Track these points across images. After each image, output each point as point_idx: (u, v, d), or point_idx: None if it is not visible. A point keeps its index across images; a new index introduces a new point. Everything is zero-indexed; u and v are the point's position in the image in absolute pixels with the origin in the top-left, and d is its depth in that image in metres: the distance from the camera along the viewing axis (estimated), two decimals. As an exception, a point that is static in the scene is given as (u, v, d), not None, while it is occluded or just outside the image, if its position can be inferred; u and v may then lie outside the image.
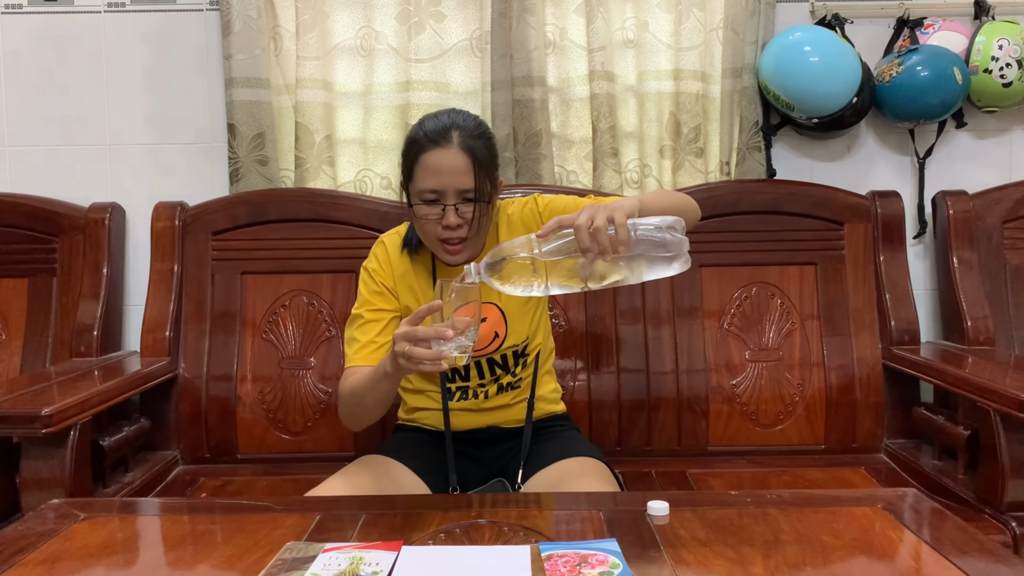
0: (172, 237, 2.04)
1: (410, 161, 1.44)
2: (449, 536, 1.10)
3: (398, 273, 1.54)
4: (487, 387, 1.58)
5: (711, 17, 2.13)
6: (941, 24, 2.11)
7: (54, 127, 2.19)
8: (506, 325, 1.54)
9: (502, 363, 1.57)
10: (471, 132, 1.43)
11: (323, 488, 1.42)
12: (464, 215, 1.41)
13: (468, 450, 1.57)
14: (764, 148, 2.14)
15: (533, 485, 1.48)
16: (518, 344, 1.56)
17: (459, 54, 2.15)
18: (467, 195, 1.40)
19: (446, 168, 1.39)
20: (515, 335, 1.55)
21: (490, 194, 1.44)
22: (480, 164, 1.40)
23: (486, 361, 1.56)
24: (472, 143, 1.41)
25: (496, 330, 1.53)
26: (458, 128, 1.42)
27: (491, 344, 1.54)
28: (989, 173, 2.20)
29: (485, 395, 1.58)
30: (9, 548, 1.06)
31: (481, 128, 1.47)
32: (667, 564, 1.00)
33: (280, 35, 2.13)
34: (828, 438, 1.98)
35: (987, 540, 1.07)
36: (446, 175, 1.39)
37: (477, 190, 1.40)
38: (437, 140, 1.41)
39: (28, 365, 2.05)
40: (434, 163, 1.40)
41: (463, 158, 1.39)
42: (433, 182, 1.40)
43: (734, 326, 2.01)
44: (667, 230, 1.16)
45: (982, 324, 2.01)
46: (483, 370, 1.57)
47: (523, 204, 1.56)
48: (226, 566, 1.02)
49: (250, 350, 2.00)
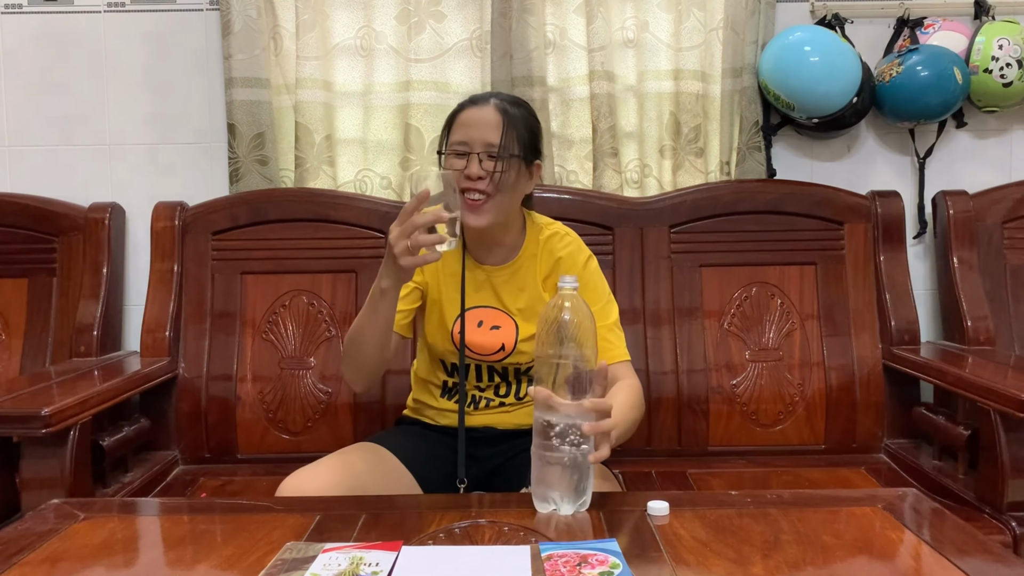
0: (172, 237, 2.04)
1: (449, 121, 1.52)
2: (449, 536, 1.10)
3: None
4: (485, 394, 1.58)
5: (711, 17, 2.13)
6: (941, 24, 2.11)
7: (54, 127, 2.19)
8: (515, 341, 1.53)
9: (502, 374, 1.57)
10: (509, 100, 1.52)
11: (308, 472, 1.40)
12: (487, 168, 1.44)
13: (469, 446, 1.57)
14: (764, 148, 2.14)
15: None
16: (522, 364, 1.56)
17: (459, 54, 2.15)
18: (492, 150, 1.45)
19: (477, 121, 1.47)
20: (521, 354, 1.54)
21: (518, 157, 1.47)
22: (511, 124, 1.46)
23: (486, 367, 1.56)
24: (507, 107, 1.49)
25: (504, 342, 1.53)
26: (497, 96, 1.52)
27: (495, 353, 1.54)
28: (989, 173, 2.20)
29: (486, 404, 1.59)
30: (9, 548, 1.06)
31: (521, 102, 1.55)
32: (667, 564, 1.00)
33: (280, 35, 2.13)
34: (828, 438, 1.98)
35: (987, 540, 1.07)
36: (475, 127, 1.46)
37: (503, 146, 1.45)
38: (476, 101, 1.51)
39: (28, 365, 2.05)
40: (468, 118, 1.48)
41: (495, 115, 1.47)
42: (463, 134, 1.47)
43: (734, 326, 2.01)
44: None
45: (982, 324, 2.01)
46: (482, 374, 1.57)
47: (577, 253, 1.55)
48: (226, 566, 1.02)
49: (250, 350, 2.00)
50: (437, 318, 1.56)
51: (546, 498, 1.16)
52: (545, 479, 1.15)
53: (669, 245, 2.03)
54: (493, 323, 1.53)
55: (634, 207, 2.04)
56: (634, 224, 2.03)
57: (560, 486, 1.14)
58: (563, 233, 1.58)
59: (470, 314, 1.53)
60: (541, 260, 1.55)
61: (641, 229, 2.03)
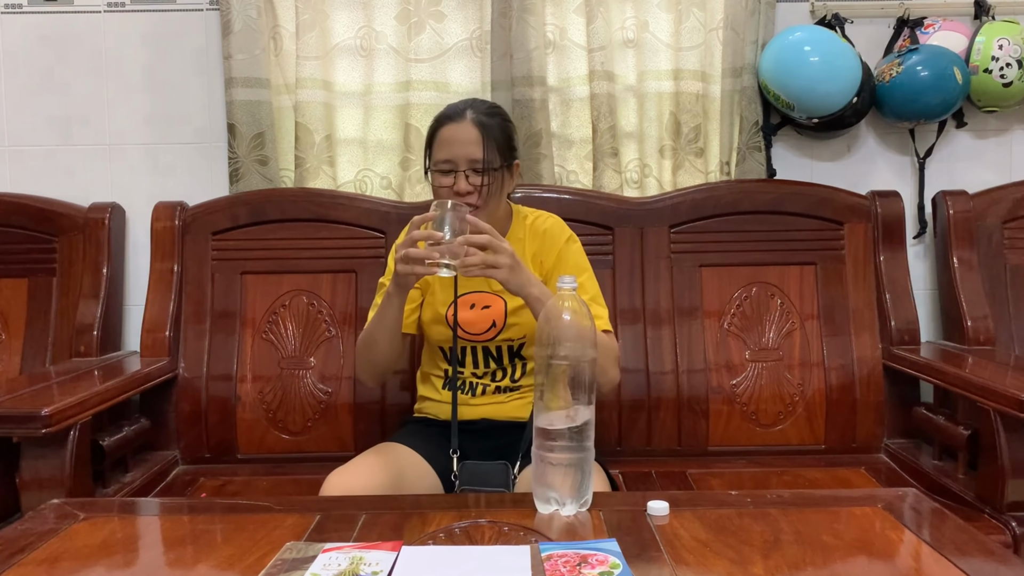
0: (172, 237, 2.04)
1: (430, 138, 1.61)
2: (449, 536, 1.10)
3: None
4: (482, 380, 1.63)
5: (711, 17, 2.13)
6: (941, 24, 2.11)
7: (54, 127, 2.19)
8: (506, 318, 1.60)
9: (496, 355, 1.62)
10: (483, 111, 1.60)
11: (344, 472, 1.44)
12: (474, 183, 1.55)
13: (466, 440, 1.59)
14: (764, 148, 2.14)
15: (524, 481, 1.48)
16: (514, 340, 1.61)
17: (459, 54, 2.15)
18: (477, 165, 1.54)
19: (457, 139, 1.55)
20: (512, 330, 1.60)
21: (501, 167, 1.57)
22: (490, 137, 1.55)
23: (481, 349, 1.62)
24: (483, 119, 1.57)
25: (495, 319, 1.60)
26: (472, 107, 1.59)
27: (488, 331, 1.60)
28: (989, 173, 2.20)
29: (483, 391, 1.63)
30: (9, 548, 1.06)
31: (495, 110, 1.63)
32: (667, 564, 1.00)
33: (280, 35, 2.13)
34: (828, 438, 1.98)
35: (987, 540, 1.07)
36: (457, 145, 1.55)
37: (486, 160, 1.54)
38: (452, 116, 1.59)
39: (28, 365, 2.05)
40: (448, 135, 1.57)
41: (474, 131, 1.55)
42: (446, 152, 1.56)
43: (734, 326, 2.01)
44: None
45: (982, 324, 2.01)
46: (478, 359, 1.63)
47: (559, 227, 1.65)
48: (226, 566, 1.02)
49: (250, 350, 2.00)
50: (433, 307, 1.64)
51: (547, 499, 1.16)
52: (546, 480, 1.15)
53: (669, 245, 2.03)
54: (484, 304, 1.61)
55: (634, 207, 2.04)
56: (634, 224, 2.03)
57: (561, 487, 1.14)
58: (546, 216, 1.69)
59: (463, 299, 1.61)
60: (528, 239, 1.64)
61: (641, 229, 2.03)
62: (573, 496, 1.15)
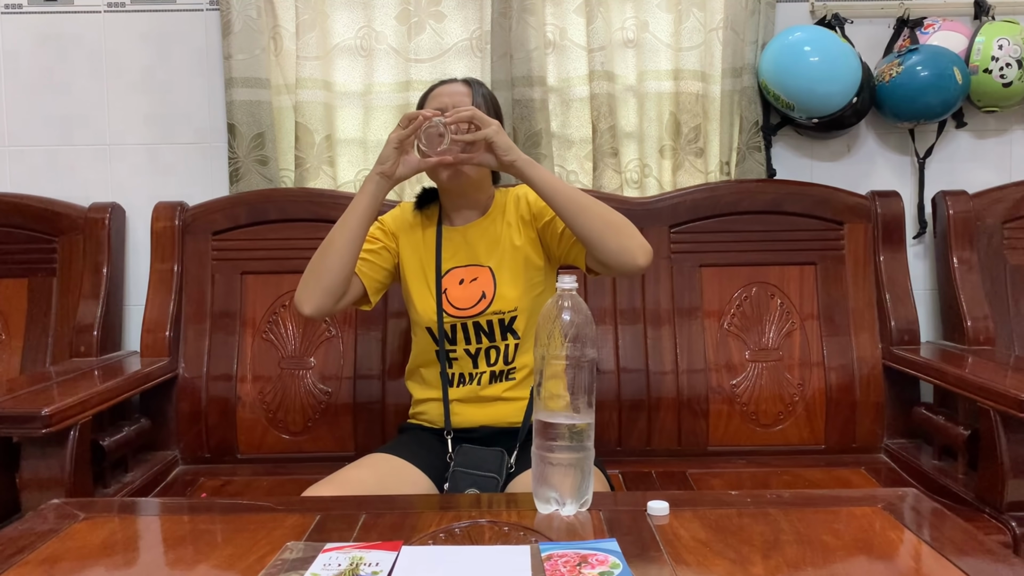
0: (172, 237, 2.04)
1: (421, 101, 1.68)
2: (449, 536, 1.10)
3: (406, 223, 1.71)
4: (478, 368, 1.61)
5: (711, 17, 2.13)
6: (941, 24, 2.11)
7: (54, 127, 2.19)
8: (494, 288, 1.60)
9: (488, 330, 1.61)
10: (473, 79, 1.69)
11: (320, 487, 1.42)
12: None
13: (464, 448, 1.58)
14: (764, 148, 2.14)
15: (522, 482, 1.48)
16: (504, 312, 1.60)
17: (459, 54, 2.15)
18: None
19: (449, 92, 1.63)
20: (502, 300, 1.60)
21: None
22: (478, 95, 1.63)
23: (472, 324, 1.60)
24: (472, 82, 1.66)
25: (484, 290, 1.61)
26: (463, 76, 1.69)
27: (478, 304, 1.60)
28: (989, 173, 2.20)
29: (479, 381, 1.61)
30: (9, 548, 1.06)
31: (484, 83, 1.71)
32: (667, 564, 1.00)
33: (280, 35, 2.13)
34: (828, 438, 1.98)
35: (987, 540, 1.07)
36: (447, 96, 1.62)
37: (475, 104, 1.59)
38: (444, 81, 1.68)
39: (28, 365, 2.05)
40: (440, 91, 1.65)
41: (464, 86, 1.65)
42: (437, 104, 1.62)
43: (734, 326, 2.01)
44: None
45: (982, 324, 2.01)
46: (469, 334, 1.61)
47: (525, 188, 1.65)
48: (226, 566, 1.02)
49: (250, 350, 2.00)
50: (420, 285, 1.64)
51: (547, 499, 1.16)
52: (546, 480, 1.15)
53: (669, 245, 2.03)
54: (472, 277, 1.62)
55: (634, 207, 2.04)
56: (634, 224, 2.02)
57: (561, 487, 1.15)
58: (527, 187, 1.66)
59: (449, 275, 1.62)
60: (508, 208, 1.67)
61: (641, 229, 2.02)
62: (573, 496, 1.15)
